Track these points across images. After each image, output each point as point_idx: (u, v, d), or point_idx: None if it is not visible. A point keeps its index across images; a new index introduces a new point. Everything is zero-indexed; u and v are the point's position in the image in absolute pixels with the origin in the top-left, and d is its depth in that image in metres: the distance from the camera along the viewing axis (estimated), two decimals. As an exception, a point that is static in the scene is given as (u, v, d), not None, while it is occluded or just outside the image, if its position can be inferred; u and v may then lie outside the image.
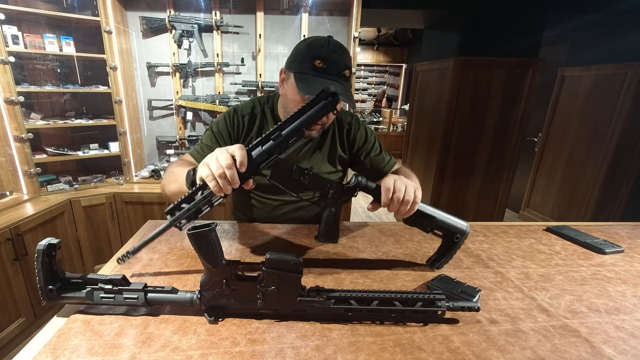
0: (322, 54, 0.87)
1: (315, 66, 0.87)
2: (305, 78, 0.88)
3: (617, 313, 0.70)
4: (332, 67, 0.87)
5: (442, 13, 2.93)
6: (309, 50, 0.89)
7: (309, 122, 0.72)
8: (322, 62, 0.87)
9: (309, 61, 0.88)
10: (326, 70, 0.87)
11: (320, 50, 0.87)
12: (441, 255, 0.85)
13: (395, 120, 7.29)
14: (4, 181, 1.99)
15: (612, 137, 2.86)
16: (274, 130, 0.71)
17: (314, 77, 0.87)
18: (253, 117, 1.06)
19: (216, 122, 1.07)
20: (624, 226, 1.20)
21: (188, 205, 0.72)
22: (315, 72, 0.88)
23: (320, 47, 0.88)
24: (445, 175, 3.08)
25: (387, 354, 0.57)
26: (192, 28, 2.28)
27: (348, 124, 1.10)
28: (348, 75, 0.90)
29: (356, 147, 1.12)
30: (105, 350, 0.56)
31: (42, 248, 0.59)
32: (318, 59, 0.87)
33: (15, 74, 1.92)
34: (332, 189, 0.82)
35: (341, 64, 0.88)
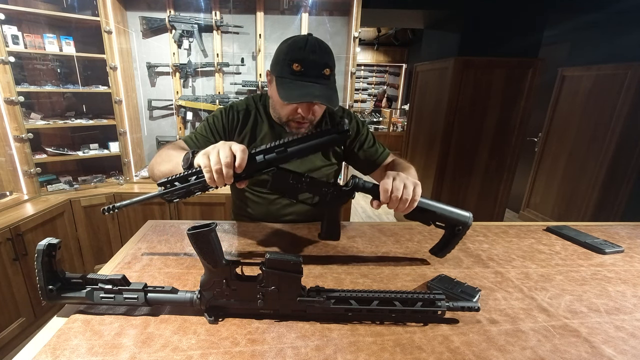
0: (300, 56, 0.86)
1: (294, 70, 0.87)
2: (285, 83, 0.89)
3: (617, 313, 0.70)
4: (310, 69, 0.87)
5: (442, 13, 2.93)
6: (287, 52, 0.89)
7: (314, 149, 0.75)
8: (300, 64, 0.87)
9: (287, 65, 0.88)
10: (304, 72, 0.87)
11: (298, 53, 0.87)
12: (444, 246, 0.86)
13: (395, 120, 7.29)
14: (4, 181, 1.99)
15: (612, 137, 2.86)
16: (281, 145, 0.73)
17: (293, 82, 0.88)
18: (248, 113, 1.08)
19: (212, 115, 1.09)
20: (624, 226, 1.20)
21: (181, 184, 0.74)
22: (293, 76, 0.88)
23: (298, 49, 0.87)
24: (445, 175, 3.08)
25: (387, 354, 0.57)
26: (192, 28, 2.28)
27: (340, 117, 1.12)
28: (328, 74, 0.90)
29: (349, 140, 1.14)
30: (105, 350, 0.56)
31: (42, 248, 0.59)
32: (296, 62, 0.87)
33: (15, 74, 1.92)
34: (330, 192, 0.83)
35: (320, 64, 0.88)
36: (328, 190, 0.83)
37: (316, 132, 0.75)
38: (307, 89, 0.87)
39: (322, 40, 0.91)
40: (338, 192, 0.83)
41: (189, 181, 0.74)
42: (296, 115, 0.95)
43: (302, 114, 0.94)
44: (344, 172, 2.48)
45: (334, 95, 0.91)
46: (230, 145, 0.69)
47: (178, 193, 0.74)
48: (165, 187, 0.75)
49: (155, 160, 0.94)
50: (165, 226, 1.07)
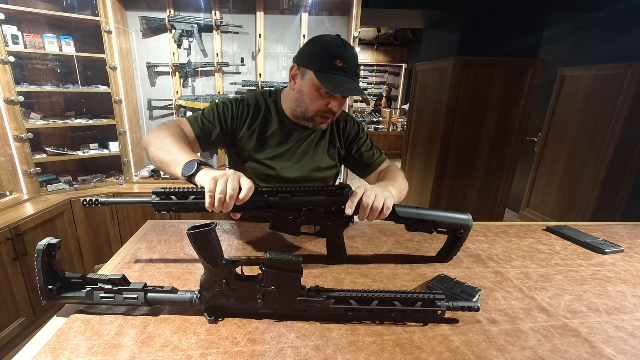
0: (342, 54, 0.92)
1: (336, 65, 0.92)
2: (328, 77, 0.93)
3: (617, 313, 0.70)
4: (350, 66, 0.93)
5: (442, 13, 2.94)
6: (328, 49, 0.93)
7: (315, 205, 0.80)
8: (342, 61, 0.92)
9: (329, 60, 0.92)
10: (346, 69, 0.92)
11: (339, 51, 0.92)
12: (450, 250, 0.88)
13: (395, 120, 7.29)
14: (4, 181, 1.99)
15: (612, 137, 2.86)
16: (286, 191, 0.78)
17: (337, 77, 0.92)
18: (258, 109, 1.09)
19: (222, 102, 1.07)
20: (624, 226, 1.20)
21: (177, 200, 0.73)
22: (336, 71, 0.92)
23: (338, 48, 0.93)
24: (445, 175, 3.08)
25: (387, 354, 0.57)
26: (192, 28, 2.28)
27: (344, 120, 1.16)
28: (359, 72, 0.98)
29: (349, 142, 1.16)
30: (105, 350, 0.56)
31: (42, 248, 0.59)
32: (338, 58, 0.92)
33: (15, 74, 1.92)
34: (330, 220, 0.84)
35: (356, 63, 0.95)
36: (327, 221, 0.84)
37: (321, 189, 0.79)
38: (349, 84, 0.93)
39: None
40: (337, 220, 0.84)
41: (187, 199, 0.73)
42: (326, 110, 0.98)
43: (335, 109, 0.97)
44: (343, 174, 2.48)
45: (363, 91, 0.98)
46: (239, 177, 0.71)
47: (172, 207, 0.74)
48: (161, 197, 0.74)
49: (154, 139, 0.90)
50: (165, 226, 1.07)
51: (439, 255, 0.90)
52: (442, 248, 0.90)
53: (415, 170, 3.57)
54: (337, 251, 0.85)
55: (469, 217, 0.84)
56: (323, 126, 1.03)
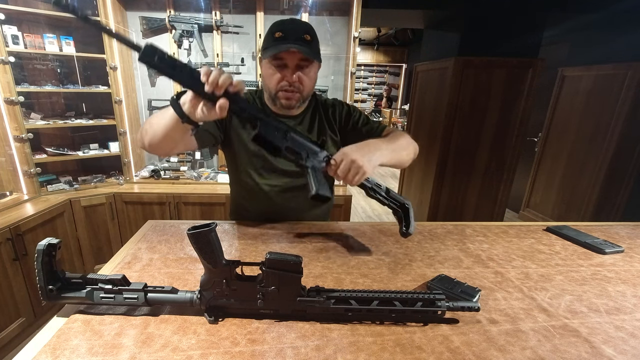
0: (280, 27, 0.97)
1: (275, 37, 0.96)
2: (268, 49, 0.98)
3: (617, 313, 0.70)
4: (290, 34, 0.95)
5: (442, 13, 2.93)
6: (270, 28, 1.00)
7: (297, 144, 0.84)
8: (281, 32, 0.96)
9: (270, 35, 0.98)
10: (285, 37, 0.95)
11: (279, 25, 0.98)
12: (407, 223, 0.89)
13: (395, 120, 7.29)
14: (4, 181, 1.99)
15: (612, 137, 2.86)
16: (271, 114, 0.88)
17: (275, 45, 0.96)
18: None
19: None
20: (624, 226, 1.20)
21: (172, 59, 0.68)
22: (277, 41, 0.96)
23: (279, 24, 0.98)
24: (445, 175, 3.08)
25: (387, 354, 0.57)
26: (192, 28, 2.28)
27: (332, 106, 1.18)
28: (309, 39, 0.98)
29: (343, 123, 1.18)
30: (105, 350, 0.56)
31: (42, 248, 0.59)
32: (277, 31, 0.96)
33: (15, 74, 1.92)
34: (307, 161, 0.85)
35: (299, 30, 0.97)
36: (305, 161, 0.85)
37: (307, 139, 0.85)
38: (285, 45, 0.94)
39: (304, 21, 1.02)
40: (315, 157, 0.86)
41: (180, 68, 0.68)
42: (283, 84, 1.00)
43: (287, 79, 0.99)
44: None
45: (316, 55, 0.99)
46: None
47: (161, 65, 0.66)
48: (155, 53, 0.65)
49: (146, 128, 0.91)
50: (165, 226, 1.07)
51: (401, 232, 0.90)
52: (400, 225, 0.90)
53: (415, 170, 3.57)
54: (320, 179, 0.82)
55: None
56: (291, 102, 1.03)
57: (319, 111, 1.15)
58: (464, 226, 1.15)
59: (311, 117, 1.15)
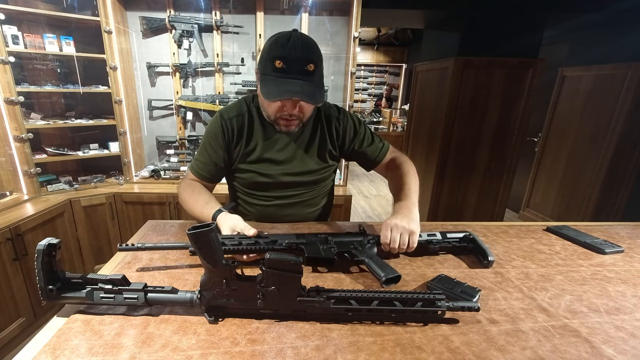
0: (282, 53, 0.86)
1: (276, 67, 0.87)
2: (267, 80, 0.90)
3: (617, 313, 0.70)
4: (291, 65, 0.87)
5: (442, 13, 2.93)
6: (270, 50, 0.89)
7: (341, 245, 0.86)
8: (282, 61, 0.87)
9: (270, 62, 0.88)
10: (286, 69, 0.87)
11: (280, 50, 0.87)
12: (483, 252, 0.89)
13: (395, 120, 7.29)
14: (4, 181, 1.99)
15: (612, 137, 2.85)
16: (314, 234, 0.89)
17: (275, 79, 0.88)
18: (240, 117, 1.06)
19: (206, 134, 1.07)
20: (624, 226, 1.20)
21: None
22: (276, 72, 0.88)
23: (280, 46, 0.87)
24: (445, 175, 3.08)
25: (387, 354, 0.57)
26: (192, 28, 2.28)
27: (336, 119, 1.11)
28: (312, 69, 0.89)
29: (348, 141, 1.13)
30: (105, 350, 0.56)
31: (42, 248, 0.59)
32: (278, 59, 0.87)
33: (15, 74, 1.92)
34: (356, 246, 0.86)
35: (302, 60, 0.87)
36: (355, 248, 0.86)
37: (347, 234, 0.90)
38: (288, 86, 0.87)
39: (306, 36, 0.91)
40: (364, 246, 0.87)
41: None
42: (283, 113, 0.96)
43: (288, 111, 0.94)
44: (344, 172, 2.48)
45: (317, 92, 0.91)
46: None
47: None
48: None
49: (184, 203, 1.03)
50: (165, 226, 1.07)
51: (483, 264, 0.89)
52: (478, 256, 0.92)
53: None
54: (381, 265, 0.81)
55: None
56: (290, 128, 1.00)
57: (321, 122, 1.10)
58: (464, 226, 1.14)
59: (312, 130, 1.09)
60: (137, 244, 0.79)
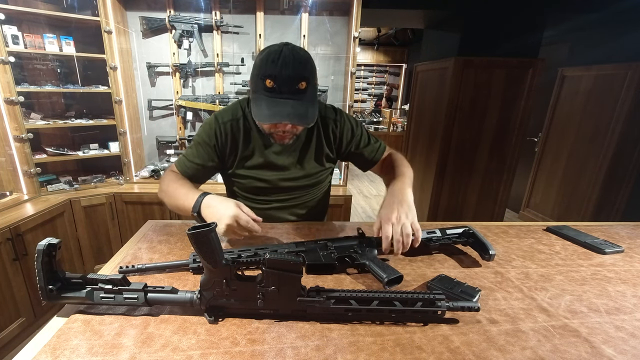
0: (272, 72, 0.84)
1: (267, 86, 0.85)
2: (258, 100, 0.88)
3: (617, 313, 0.70)
4: (283, 84, 0.84)
5: (442, 13, 2.93)
6: (260, 67, 0.86)
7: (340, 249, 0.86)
8: (272, 80, 0.84)
9: (261, 81, 0.86)
10: (277, 89, 0.85)
11: (270, 68, 0.84)
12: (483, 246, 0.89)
13: (395, 120, 7.28)
14: (4, 181, 1.99)
15: (612, 137, 2.85)
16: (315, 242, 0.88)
17: (266, 99, 0.87)
18: (236, 122, 1.04)
19: (199, 134, 1.05)
20: (624, 226, 1.20)
21: None
22: (266, 92, 0.86)
23: (271, 63, 0.84)
24: (445, 175, 3.08)
25: (387, 354, 0.57)
26: (192, 28, 2.28)
27: (333, 121, 1.09)
28: (304, 87, 0.86)
29: (345, 143, 1.12)
30: (105, 350, 0.56)
31: (42, 248, 0.59)
32: (269, 78, 0.84)
33: (15, 74, 1.92)
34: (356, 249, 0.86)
35: (293, 78, 0.84)
36: (356, 251, 0.85)
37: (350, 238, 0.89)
38: (278, 107, 0.85)
39: (298, 50, 0.87)
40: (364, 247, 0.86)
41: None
42: (277, 129, 0.95)
43: (280, 128, 0.94)
44: (344, 172, 2.48)
45: (309, 111, 0.89)
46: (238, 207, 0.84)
47: None
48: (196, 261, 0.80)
49: (165, 189, 1.01)
50: (165, 226, 1.07)
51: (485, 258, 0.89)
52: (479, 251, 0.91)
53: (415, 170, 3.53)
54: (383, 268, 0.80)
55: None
56: (284, 141, 0.99)
57: (318, 126, 1.08)
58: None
59: (309, 133, 1.08)
60: (138, 265, 0.78)
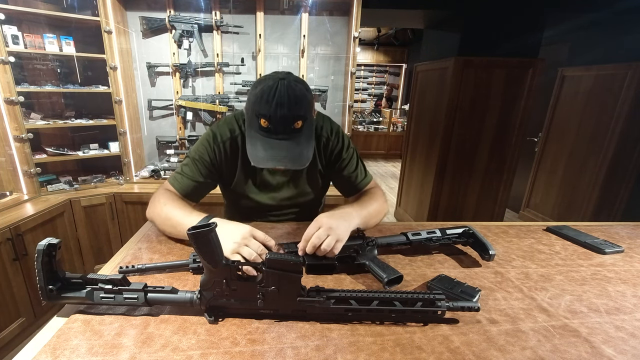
0: (267, 112, 0.82)
1: (261, 125, 0.84)
2: (252, 139, 0.87)
3: (617, 313, 0.70)
4: (277, 125, 0.84)
5: (442, 13, 2.93)
6: (255, 103, 0.84)
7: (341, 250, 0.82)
8: (267, 121, 0.83)
9: (256, 118, 0.85)
10: (272, 129, 0.84)
11: (265, 107, 0.82)
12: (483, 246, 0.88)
13: (395, 120, 7.29)
14: (4, 181, 1.99)
15: (612, 137, 2.85)
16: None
17: (261, 138, 0.86)
18: (234, 141, 1.02)
19: (195, 150, 1.02)
20: (624, 226, 1.20)
21: None
22: (262, 131, 0.85)
23: (265, 103, 0.82)
24: (445, 175, 3.08)
25: (387, 354, 0.57)
26: (192, 28, 2.28)
27: (326, 137, 1.07)
28: (300, 126, 0.86)
29: (332, 161, 1.11)
30: (105, 350, 0.56)
31: (42, 248, 0.59)
32: (263, 117, 0.83)
33: (15, 74, 1.92)
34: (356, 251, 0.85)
35: (288, 118, 0.83)
36: (356, 251, 0.85)
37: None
38: (274, 150, 0.85)
39: (294, 85, 0.84)
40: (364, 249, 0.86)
41: None
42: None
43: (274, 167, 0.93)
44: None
45: (303, 152, 0.88)
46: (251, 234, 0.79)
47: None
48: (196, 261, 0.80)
49: (156, 212, 0.95)
50: (165, 226, 1.07)
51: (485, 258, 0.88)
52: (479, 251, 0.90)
53: (415, 170, 3.57)
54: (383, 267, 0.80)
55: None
56: (279, 171, 1.03)
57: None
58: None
59: None
60: (138, 266, 0.78)
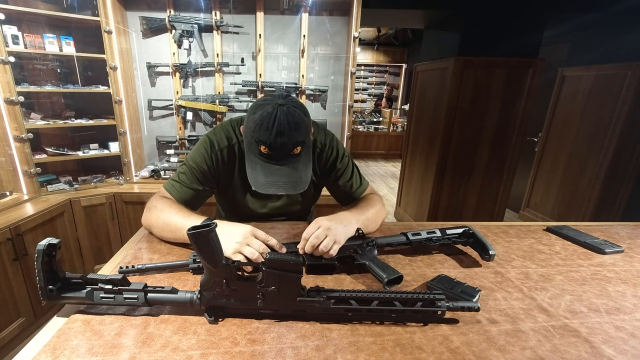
0: (267, 139, 0.84)
1: (261, 151, 0.87)
2: (253, 163, 0.89)
3: (617, 313, 0.70)
4: (277, 152, 0.86)
5: (442, 13, 2.93)
6: (254, 130, 0.85)
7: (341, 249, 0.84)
8: (267, 148, 0.85)
9: (256, 145, 0.87)
10: (272, 156, 0.87)
11: (264, 135, 0.84)
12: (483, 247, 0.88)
13: (395, 120, 7.29)
14: (4, 181, 1.99)
15: (612, 137, 2.85)
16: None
17: (261, 164, 0.88)
18: (231, 149, 1.03)
19: (192, 157, 1.02)
20: (624, 226, 1.20)
21: None
22: (261, 157, 0.88)
23: (265, 131, 0.84)
24: (445, 175, 3.08)
25: (387, 354, 0.57)
26: (192, 28, 2.28)
27: (320, 147, 1.07)
28: (298, 152, 0.88)
29: (327, 170, 1.11)
30: (105, 350, 0.56)
31: (42, 248, 0.59)
32: (264, 144, 0.85)
33: (15, 74, 1.92)
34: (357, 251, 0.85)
35: (288, 145, 0.85)
36: (356, 251, 0.85)
37: None
38: (274, 176, 0.87)
39: (293, 111, 0.85)
40: (364, 249, 0.86)
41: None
42: None
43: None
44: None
45: (302, 176, 0.90)
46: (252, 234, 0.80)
47: None
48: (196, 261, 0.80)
49: (155, 222, 0.93)
50: (165, 226, 1.07)
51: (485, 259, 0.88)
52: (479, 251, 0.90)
53: (415, 170, 3.57)
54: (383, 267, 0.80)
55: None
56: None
57: None
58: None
59: None
60: (138, 266, 0.78)
